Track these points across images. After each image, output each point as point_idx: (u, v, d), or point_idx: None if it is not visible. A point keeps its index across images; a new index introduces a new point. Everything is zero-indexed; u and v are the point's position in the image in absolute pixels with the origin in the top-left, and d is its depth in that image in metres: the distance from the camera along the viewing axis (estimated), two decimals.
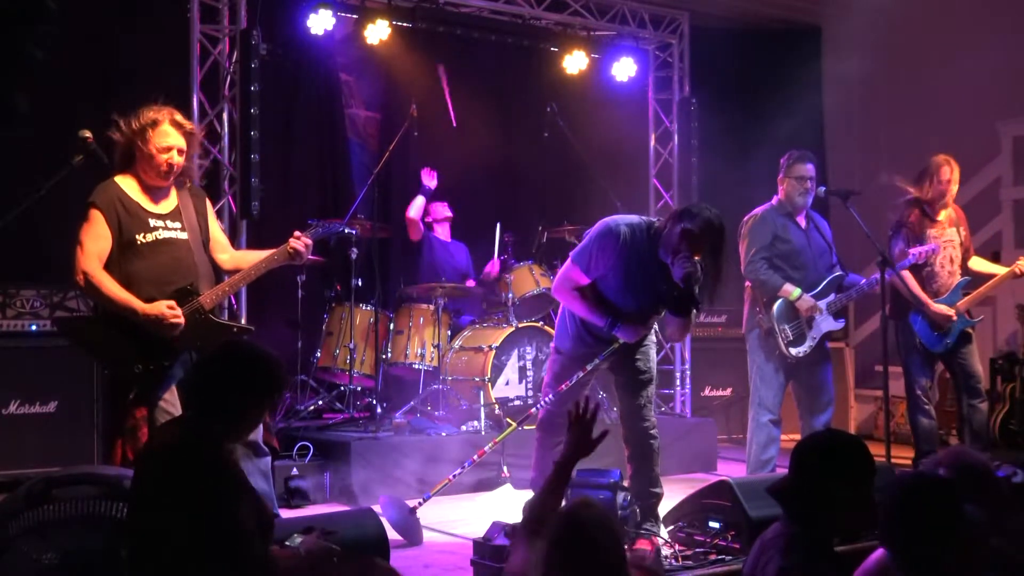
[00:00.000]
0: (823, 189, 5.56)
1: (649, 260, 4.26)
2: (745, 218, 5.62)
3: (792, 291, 5.43)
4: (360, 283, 6.50)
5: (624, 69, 7.64)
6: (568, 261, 4.46)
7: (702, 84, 7.94)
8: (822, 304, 5.48)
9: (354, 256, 6.42)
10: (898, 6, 8.23)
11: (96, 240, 3.89)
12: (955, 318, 5.70)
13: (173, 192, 4.11)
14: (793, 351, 5.43)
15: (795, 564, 2.51)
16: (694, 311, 4.29)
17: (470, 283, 7.21)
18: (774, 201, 5.61)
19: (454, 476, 4.79)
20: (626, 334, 4.37)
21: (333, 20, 6.57)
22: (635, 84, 7.82)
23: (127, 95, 5.86)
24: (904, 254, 5.70)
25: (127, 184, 4.00)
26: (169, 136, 3.97)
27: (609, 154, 7.95)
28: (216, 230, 4.26)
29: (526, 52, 7.90)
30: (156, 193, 4.05)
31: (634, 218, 4.38)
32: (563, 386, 4.50)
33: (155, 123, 3.96)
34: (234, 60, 6.11)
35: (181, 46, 6.08)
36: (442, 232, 7.29)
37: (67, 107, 5.83)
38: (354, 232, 6.31)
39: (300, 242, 4.13)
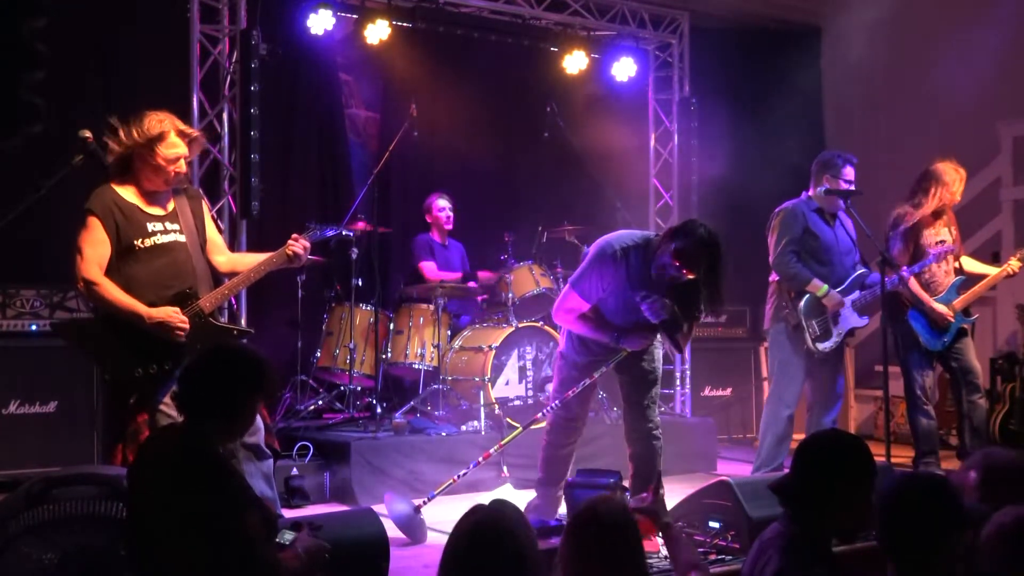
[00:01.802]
0: (823, 189, 5.57)
1: (646, 279, 4.30)
2: (776, 210, 5.64)
3: (820, 287, 5.46)
4: (360, 283, 6.50)
5: (624, 69, 7.64)
6: (567, 287, 4.52)
7: (702, 84, 7.93)
8: (847, 300, 5.50)
9: (354, 256, 6.42)
10: (898, 6, 8.23)
11: (95, 246, 3.91)
12: (953, 318, 5.73)
13: (169, 195, 4.12)
14: (820, 346, 5.47)
15: (794, 564, 2.51)
16: (685, 329, 4.42)
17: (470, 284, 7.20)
18: (804, 196, 5.62)
19: (459, 476, 4.81)
20: (632, 344, 4.43)
21: (333, 20, 6.56)
22: (635, 84, 7.82)
23: (127, 95, 5.90)
24: (905, 254, 5.75)
25: (123, 189, 4.01)
26: (177, 147, 4.00)
27: (609, 154, 7.95)
28: (213, 232, 4.27)
29: (526, 52, 7.89)
30: (153, 197, 4.06)
31: (630, 236, 4.41)
32: (570, 392, 4.54)
33: (162, 136, 3.97)
34: (234, 60, 6.10)
35: (181, 46, 6.08)
36: (445, 224, 7.23)
37: (67, 107, 5.83)
38: (350, 234, 6.31)
39: (299, 244, 4.14)
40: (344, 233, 4.44)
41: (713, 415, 7.65)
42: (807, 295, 5.47)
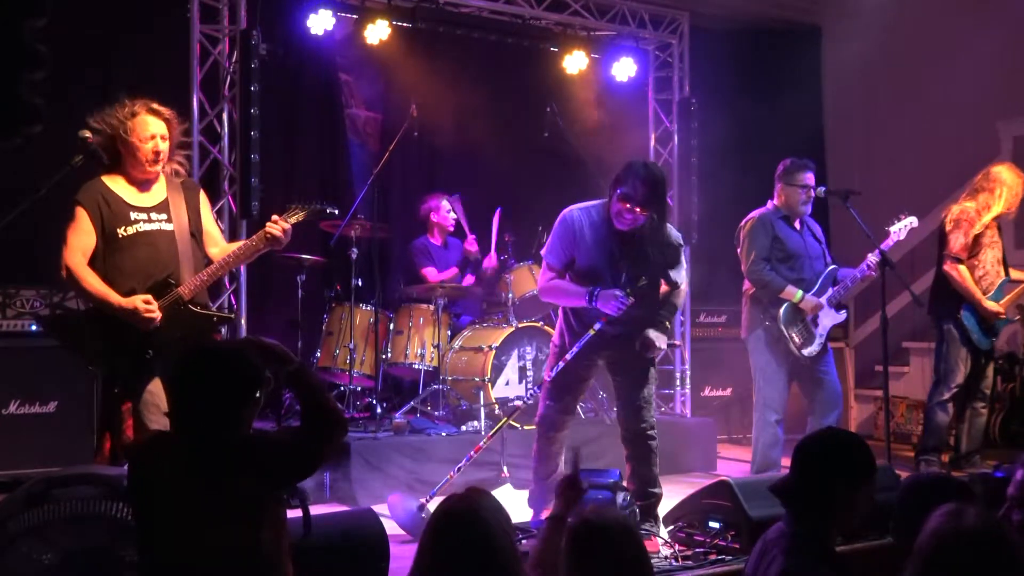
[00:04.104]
0: (823, 189, 5.61)
1: (609, 233, 4.46)
2: (742, 222, 5.69)
3: (795, 293, 5.49)
4: (360, 283, 6.50)
5: (624, 69, 7.64)
6: (543, 264, 4.67)
7: (702, 84, 7.93)
8: (823, 300, 5.53)
9: (354, 256, 6.42)
10: (898, 6, 8.23)
11: (79, 235, 3.97)
12: (1004, 315, 5.85)
13: (162, 186, 4.15)
14: (805, 352, 5.49)
15: (798, 565, 2.50)
16: (673, 277, 4.56)
17: (468, 279, 7.20)
18: (770, 205, 5.67)
19: (456, 471, 4.81)
20: (607, 303, 4.39)
21: (333, 20, 6.56)
22: (635, 84, 7.81)
23: (127, 95, 5.87)
24: (965, 249, 5.88)
25: (113, 181, 4.07)
26: (150, 125, 4.05)
27: (609, 154, 7.94)
28: (210, 224, 4.30)
29: (526, 52, 7.88)
30: (142, 187, 4.11)
31: (590, 202, 4.59)
32: (547, 374, 4.63)
33: (134, 115, 4.04)
34: (234, 60, 6.10)
35: (181, 46, 6.08)
36: (449, 227, 7.24)
37: (67, 107, 5.83)
38: (335, 211, 6.28)
39: (277, 227, 4.14)
40: (329, 211, 4.42)
41: (713, 415, 7.65)
42: (784, 304, 5.49)
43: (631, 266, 4.42)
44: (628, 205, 4.31)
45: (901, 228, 5.68)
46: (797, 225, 5.64)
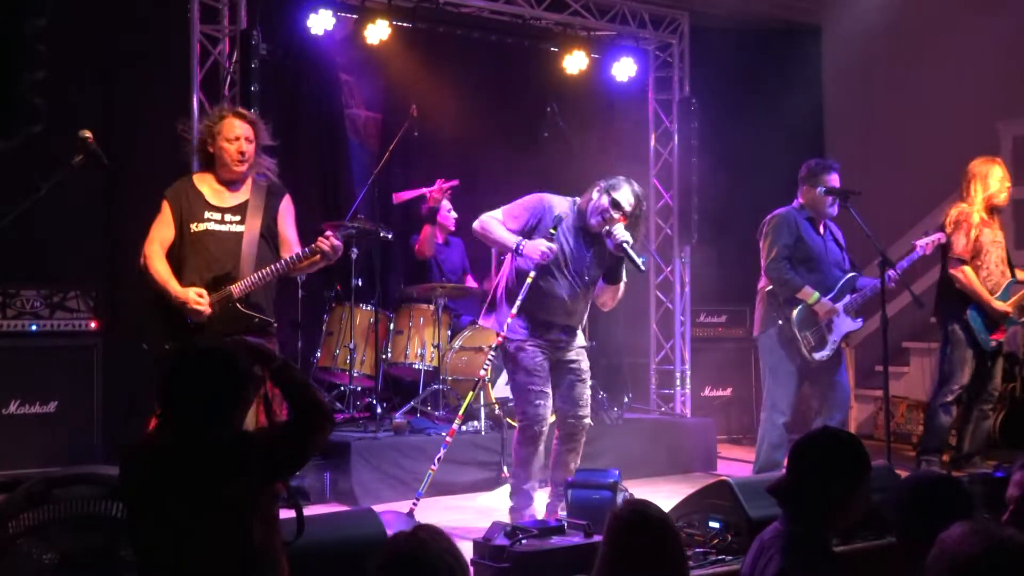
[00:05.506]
0: (822, 189, 5.59)
1: (577, 230, 4.74)
2: (767, 217, 5.68)
3: (811, 294, 5.48)
4: (360, 283, 6.50)
5: (624, 69, 7.64)
6: (497, 211, 4.89)
7: (702, 84, 7.93)
8: (839, 306, 5.52)
9: (354, 256, 6.42)
10: (898, 6, 8.23)
11: (160, 227, 4.34)
12: (1012, 315, 5.88)
13: (247, 189, 4.41)
14: (816, 356, 5.49)
15: (795, 564, 2.50)
16: (623, 278, 4.79)
17: (468, 280, 7.19)
18: (795, 204, 5.64)
19: (436, 463, 4.73)
20: (533, 251, 4.62)
21: (333, 20, 6.57)
22: (635, 84, 7.82)
23: (127, 95, 5.89)
24: (969, 250, 5.87)
25: (202, 180, 4.40)
26: (235, 127, 4.37)
27: (609, 154, 7.95)
28: (286, 229, 4.50)
29: (526, 52, 7.88)
30: (228, 187, 4.40)
31: (560, 200, 4.86)
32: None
33: (222, 118, 4.38)
34: (234, 60, 6.10)
35: (181, 46, 6.09)
36: (451, 226, 7.24)
37: (67, 107, 5.83)
38: (389, 236, 6.29)
39: (327, 242, 4.27)
40: (383, 234, 4.65)
41: (713, 415, 7.65)
42: (799, 305, 5.48)
43: (593, 258, 4.75)
44: (614, 212, 4.63)
45: (928, 243, 5.75)
46: (821, 229, 5.65)
